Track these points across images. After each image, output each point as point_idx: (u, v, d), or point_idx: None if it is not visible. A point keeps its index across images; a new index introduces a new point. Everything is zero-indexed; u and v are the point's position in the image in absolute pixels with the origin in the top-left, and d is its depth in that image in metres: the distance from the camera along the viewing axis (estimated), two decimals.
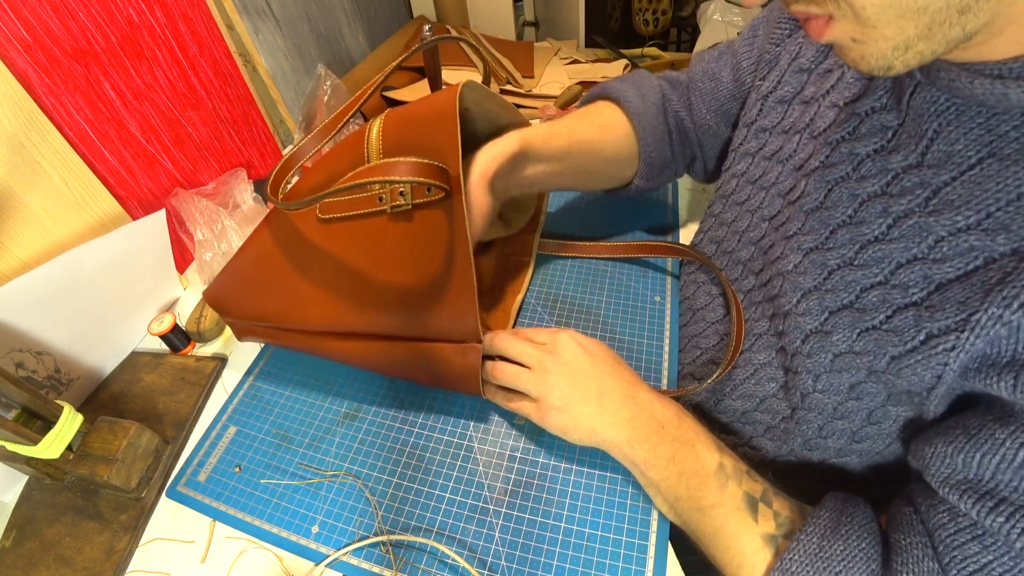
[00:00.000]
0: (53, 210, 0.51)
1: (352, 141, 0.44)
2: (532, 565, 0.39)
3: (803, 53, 0.43)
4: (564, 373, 0.41)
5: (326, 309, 0.44)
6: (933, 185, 0.31)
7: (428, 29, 0.63)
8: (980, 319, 0.27)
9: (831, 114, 0.39)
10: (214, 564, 0.42)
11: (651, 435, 0.38)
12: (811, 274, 0.37)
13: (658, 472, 0.38)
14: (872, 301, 0.33)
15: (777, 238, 0.42)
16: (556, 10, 1.22)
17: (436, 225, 0.41)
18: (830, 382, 0.37)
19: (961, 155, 0.29)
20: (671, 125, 0.56)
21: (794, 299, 0.38)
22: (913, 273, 0.31)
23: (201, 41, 0.67)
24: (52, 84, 0.51)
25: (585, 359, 0.42)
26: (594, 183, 0.59)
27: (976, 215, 0.28)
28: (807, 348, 0.37)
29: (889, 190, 0.33)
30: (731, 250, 0.49)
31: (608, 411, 0.39)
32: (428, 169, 0.38)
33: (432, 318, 0.41)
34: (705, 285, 0.53)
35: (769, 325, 0.42)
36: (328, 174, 0.44)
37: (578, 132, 0.52)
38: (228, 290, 0.49)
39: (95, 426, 0.45)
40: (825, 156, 0.38)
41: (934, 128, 0.30)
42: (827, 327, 0.36)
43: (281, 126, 0.87)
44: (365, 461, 0.46)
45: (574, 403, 0.40)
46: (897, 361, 0.32)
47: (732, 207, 0.50)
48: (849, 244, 0.35)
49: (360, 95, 0.46)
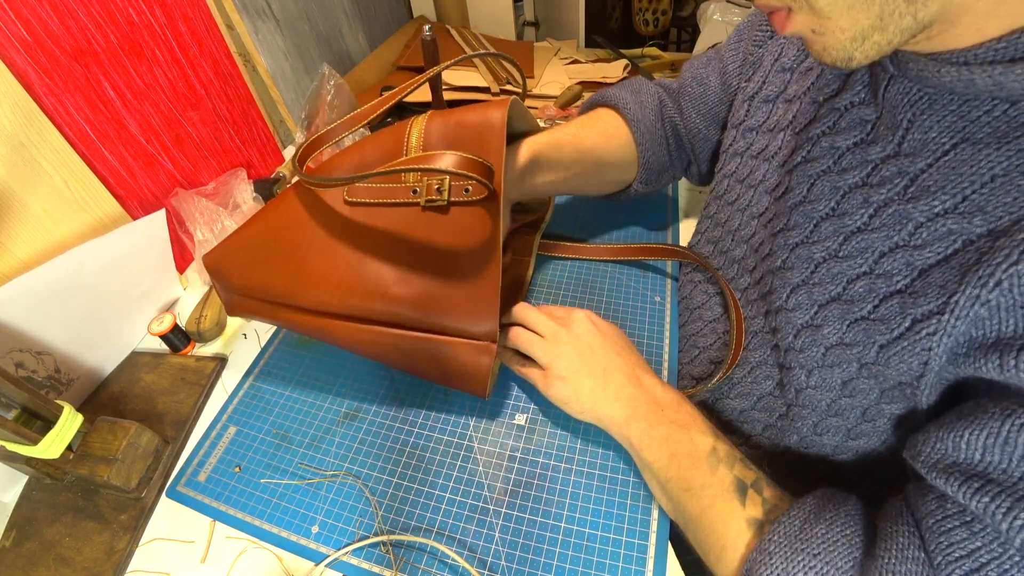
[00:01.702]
0: (53, 210, 0.51)
1: (386, 136, 0.44)
2: (532, 565, 0.39)
3: (785, 53, 0.44)
4: (574, 346, 0.43)
5: (340, 289, 0.42)
6: (911, 173, 0.31)
7: (428, 29, 0.63)
8: (959, 300, 0.27)
9: (811, 110, 0.39)
10: (214, 564, 0.42)
11: (649, 415, 0.39)
12: (798, 269, 0.38)
13: (652, 452, 0.39)
14: (859, 292, 0.34)
15: (766, 235, 0.43)
16: (556, 10, 1.22)
17: (469, 223, 0.41)
18: (822, 377, 0.37)
19: (936, 142, 0.30)
20: (667, 131, 0.57)
21: (784, 295, 0.39)
22: (896, 261, 0.32)
23: (201, 41, 0.67)
24: (52, 84, 0.51)
25: (596, 337, 0.44)
26: (595, 188, 0.60)
27: (952, 199, 0.29)
28: (799, 343, 0.38)
29: (869, 180, 0.34)
30: (726, 250, 0.50)
31: (611, 388, 0.41)
32: (475, 165, 0.38)
33: (452, 314, 0.41)
34: (702, 284, 0.53)
35: (764, 323, 0.43)
36: (358, 160, 0.44)
37: (583, 139, 0.53)
38: (233, 257, 0.46)
39: (95, 426, 0.45)
40: (807, 151, 0.39)
41: (908, 118, 0.31)
42: (817, 320, 0.36)
43: (281, 126, 0.87)
44: (365, 461, 0.46)
45: (579, 375, 0.42)
46: (885, 350, 0.32)
47: (724, 207, 0.50)
48: (833, 236, 0.36)
49: (408, 85, 0.45)
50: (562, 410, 0.43)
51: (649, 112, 0.57)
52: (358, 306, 0.42)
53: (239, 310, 0.50)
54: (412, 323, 0.42)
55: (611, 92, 0.58)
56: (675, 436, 0.38)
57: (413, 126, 0.43)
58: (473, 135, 0.42)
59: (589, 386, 0.41)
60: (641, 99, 0.57)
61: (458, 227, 0.41)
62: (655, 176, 0.58)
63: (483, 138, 0.42)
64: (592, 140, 0.54)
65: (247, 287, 0.46)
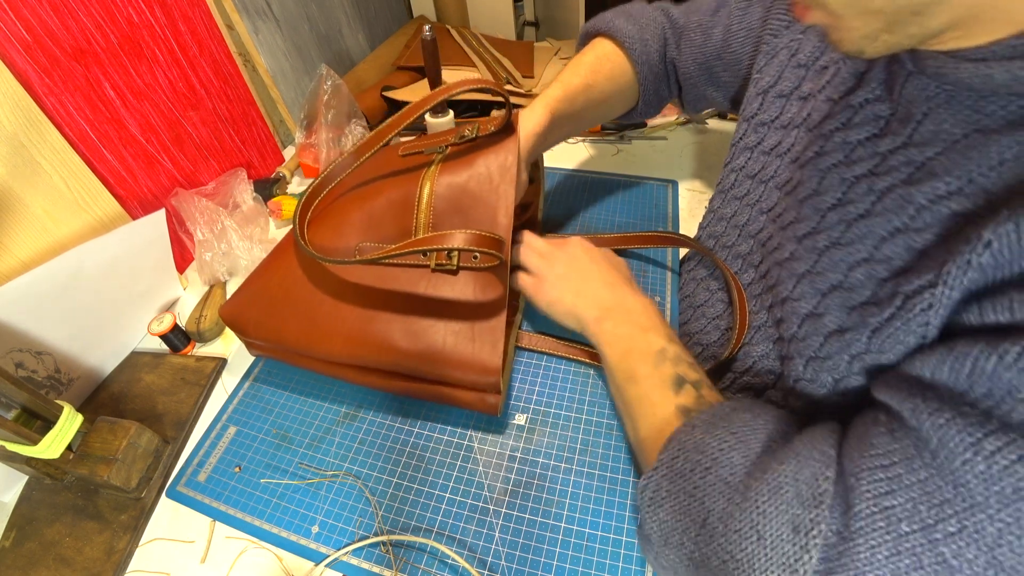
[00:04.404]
0: (53, 210, 0.51)
1: (396, 190, 0.45)
2: (532, 565, 0.39)
3: (801, 49, 0.44)
4: (565, 261, 0.49)
5: (350, 343, 0.44)
6: (918, 161, 0.31)
7: (428, 29, 0.63)
8: (950, 270, 0.26)
9: (826, 108, 0.40)
10: (214, 564, 0.42)
11: (616, 317, 0.44)
12: (804, 259, 0.38)
13: (611, 348, 0.43)
14: (859, 279, 0.33)
15: (775, 230, 0.43)
16: (556, 10, 1.22)
17: (478, 285, 0.43)
18: (816, 371, 0.36)
19: (948, 132, 0.30)
20: (668, 68, 0.60)
21: (790, 285, 0.39)
22: (896, 245, 0.31)
23: (201, 41, 0.67)
24: (52, 84, 0.51)
25: (585, 256, 0.49)
26: (597, 123, 0.64)
27: (958, 182, 0.29)
28: (802, 332, 0.38)
29: (876, 170, 0.34)
30: (730, 244, 0.50)
31: (589, 293, 0.46)
32: (486, 241, 0.39)
33: (458, 369, 0.42)
34: (705, 281, 0.53)
35: (767, 316, 0.43)
36: (367, 216, 0.45)
37: (593, 89, 0.55)
38: (247, 311, 0.48)
39: (95, 426, 0.45)
40: (820, 147, 0.39)
41: (923, 112, 0.31)
42: (820, 309, 0.36)
43: (281, 126, 0.87)
44: (365, 461, 0.46)
45: (564, 282, 0.47)
46: (878, 333, 0.31)
47: (731, 202, 0.50)
48: (837, 225, 0.36)
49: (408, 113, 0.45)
50: (547, 313, 0.48)
51: (653, 53, 0.58)
52: (368, 358, 0.44)
53: (259, 352, 0.52)
54: (420, 374, 0.44)
55: (616, 24, 0.58)
56: (634, 335, 0.42)
57: (425, 181, 0.45)
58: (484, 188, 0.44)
59: (572, 290, 0.46)
60: (645, 36, 0.57)
61: (466, 288, 0.43)
62: (654, 108, 0.63)
63: (493, 199, 0.44)
64: (601, 87, 0.56)
65: (263, 338, 0.48)
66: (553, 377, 0.50)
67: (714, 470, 0.31)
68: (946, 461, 0.24)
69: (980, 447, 0.23)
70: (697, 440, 0.33)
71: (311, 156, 0.77)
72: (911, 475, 0.25)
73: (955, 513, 0.23)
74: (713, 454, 0.32)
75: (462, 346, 0.42)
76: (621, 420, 0.44)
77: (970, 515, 0.23)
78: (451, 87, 0.43)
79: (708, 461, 0.31)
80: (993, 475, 0.22)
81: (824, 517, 0.26)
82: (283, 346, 0.47)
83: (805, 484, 0.28)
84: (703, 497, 0.31)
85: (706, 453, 0.32)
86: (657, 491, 0.33)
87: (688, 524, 0.31)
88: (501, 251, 0.40)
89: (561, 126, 0.53)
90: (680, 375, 0.38)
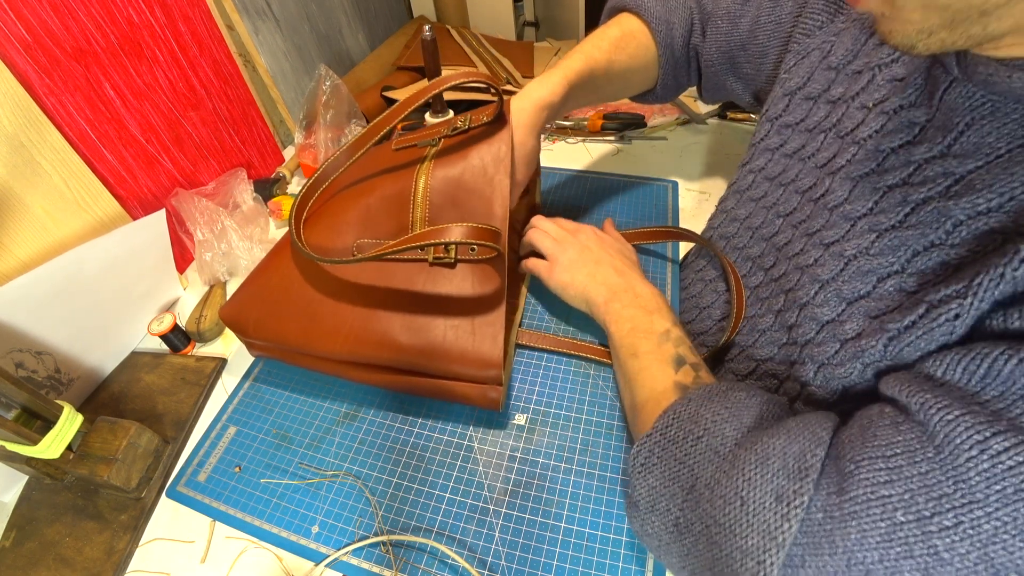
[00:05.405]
0: (53, 210, 0.51)
1: (391, 185, 0.45)
2: (532, 565, 0.39)
3: (833, 51, 0.43)
4: (577, 246, 0.51)
5: (350, 340, 0.44)
6: (957, 174, 0.30)
7: (428, 29, 0.63)
8: (981, 281, 0.26)
9: (859, 115, 0.39)
10: (214, 564, 0.42)
11: (624, 299, 0.45)
12: (829, 266, 0.37)
13: (617, 327, 0.44)
14: (888, 291, 0.33)
15: (796, 235, 0.43)
16: (556, 10, 1.22)
17: (476, 278, 0.43)
18: (826, 378, 0.36)
19: (991, 146, 0.29)
20: (691, 55, 0.59)
21: (812, 291, 0.39)
22: (930, 259, 0.31)
23: (201, 41, 0.67)
24: (52, 84, 0.51)
25: (596, 242, 0.51)
26: (611, 100, 0.63)
27: (999, 198, 0.28)
28: (819, 338, 0.37)
29: (910, 180, 0.33)
30: (742, 246, 0.50)
31: (599, 276, 0.48)
32: (483, 233, 0.39)
33: (459, 362, 0.42)
34: (712, 283, 0.53)
35: (774, 320, 0.42)
36: (363, 213, 0.45)
37: (614, 65, 0.55)
38: (247, 311, 0.48)
39: (95, 426, 0.45)
40: (852, 155, 0.38)
41: (965, 122, 0.30)
42: (843, 317, 0.36)
43: (281, 126, 0.87)
44: (365, 461, 0.46)
45: (576, 265, 0.49)
46: (896, 340, 0.31)
47: (747, 203, 0.50)
48: (867, 233, 0.35)
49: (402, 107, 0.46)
50: (559, 295, 0.50)
51: (677, 38, 0.57)
52: (369, 355, 0.44)
53: (259, 352, 0.52)
54: (422, 369, 0.44)
55: (645, 2, 0.57)
56: (639, 316, 0.44)
57: (419, 176, 0.44)
58: (479, 180, 0.44)
59: (584, 273, 0.48)
60: (672, 19, 0.56)
61: (465, 282, 0.43)
62: (672, 93, 0.63)
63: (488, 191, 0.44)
64: (623, 64, 0.56)
65: (263, 338, 0.48)
66: (553, 377, 0.50)
67: (705, 439, 0.32)
68: (950, 457, 0.24)
69: (987, 445, 0.23)
70: (692, 411, 0.34)
71: (311, 156, 0.77)
72: (912, 467, 0.25)
73: (953, 508, 0.23)
74: (706, 424, 0.32)
75: (462, 340, 0.42)
76: (619, 391, 0.46)
77: (968, 511, 0.23)
78: (443, 80, 0.43)
79: (700, 431, 0.32)
80: (997, 474, 0.23)
81: (808, 491, 0.27)
82: (283, 345, 0.47)
83: (793, 458, 0.28)
84: (692, 464, 0.31)
85: (699, 423, 0.33)
86: (649, 457, 0.34)
87: (676, 490, 0.32)
88: (498, 243, 0.40)
89: (576, 98, 0.53)
90: (681, 355, 0.40)
